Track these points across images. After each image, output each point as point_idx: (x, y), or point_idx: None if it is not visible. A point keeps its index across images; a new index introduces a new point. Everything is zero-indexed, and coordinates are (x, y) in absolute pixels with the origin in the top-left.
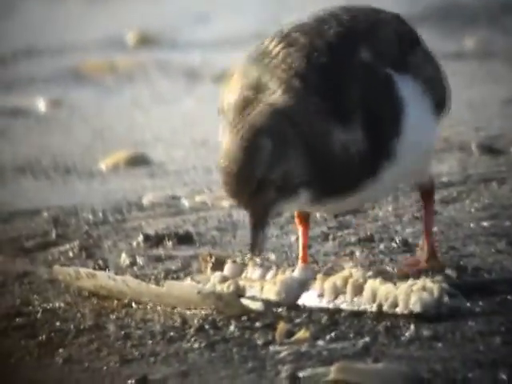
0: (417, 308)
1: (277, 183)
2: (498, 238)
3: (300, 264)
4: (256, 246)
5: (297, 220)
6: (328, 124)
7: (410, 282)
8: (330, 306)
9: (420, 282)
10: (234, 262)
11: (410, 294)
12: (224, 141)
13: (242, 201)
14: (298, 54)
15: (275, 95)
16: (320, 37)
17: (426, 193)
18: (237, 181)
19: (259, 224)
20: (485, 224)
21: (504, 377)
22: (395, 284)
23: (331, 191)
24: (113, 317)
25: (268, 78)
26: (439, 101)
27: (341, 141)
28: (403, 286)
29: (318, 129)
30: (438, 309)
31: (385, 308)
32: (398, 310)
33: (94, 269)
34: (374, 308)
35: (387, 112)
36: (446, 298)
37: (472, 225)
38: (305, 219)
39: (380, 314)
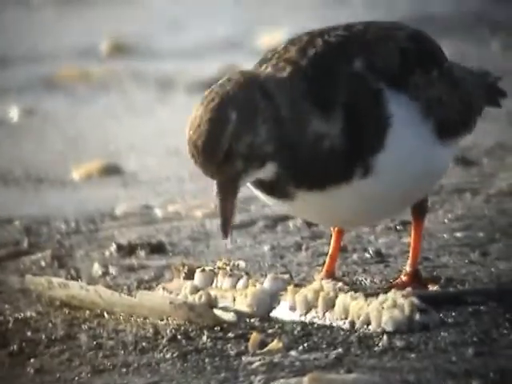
0: (388, 326)
1: (243, 154)
2: (471, 248)
3: (323, 276)
4: (225, 218)
5: (332, 230)
6: (308, 108)
7: (381, 297)
8: (302, 319)
9: (391, 298)
10: (203, 270)
11: (382, 312)
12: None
13: (210, 171)
14: (296, 47)
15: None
16: (321, 37)
17: (418, 212)
18: (203, 151)
19: (227, 194)
20: (458, 235)
21: None
22: (366, 298)
23: (298, 175)
24: (85, 327)
25: (263, 67)
26: (449, 126)
27: (314, 130)
28: (374, 303)
29: (297, 109)
30: (410, 326)
31: (357, 326)
32: (371, 327)
33: (67, 278)
34: (347, 325)
35: (369, 124)
36: (417, 315)
37: (445, 235)
38: (339, 229)
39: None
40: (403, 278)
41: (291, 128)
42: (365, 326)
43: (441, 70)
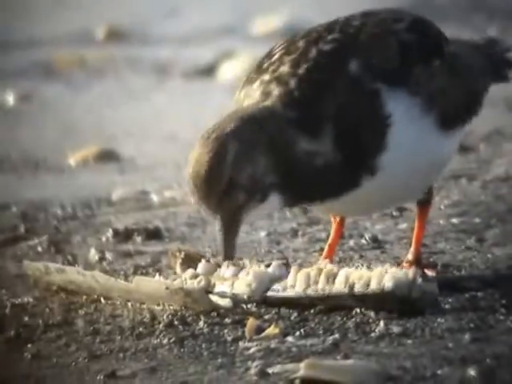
0: (389, 285)
1: (245, 186)
2: (467, 234)
3: (321, 259)
4: (228, 251)
5: (331, 217)
6: (293, 134)
7: (385, 266)
8: (299, 295)
9: (394, 268)
10: (208, 261)
11: (384, 274)
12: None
13: (211, 205)
14: (290, 59)
15: (252, 99)
16: (315, 44)
17: (423, 203)
18: (204, 184)
19: (229, 229)
20: (454, 221)
21: (473, 373)
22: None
23: (301, 197)
24: (82, 312)
25: (257, 83)
26: (453, 115)
27: (305, 151)
28: (377, 269)
29: (284, 137)
30: (410, 289)
31: (357, 287)
32: (370, 288)
33: (63, 264)
34: (346, 289)
35: (367, 127)
36: (419, 280)
37: (442, 222)
38: (341, 218)
39: (349, 307)
40: (405, 265)
41: (284, 156)
42: (364, 287)
43: (443, 59)
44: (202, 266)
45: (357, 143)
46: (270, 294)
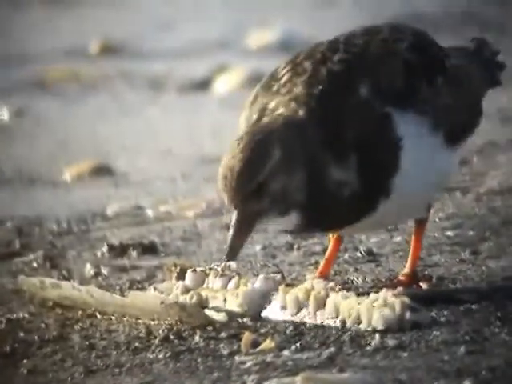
0: (379, 325)
1: (273, 194)
2: (462, 247)
3: (317, 276)
4: (233, 251)
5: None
6: (325, 159)
7: (372, 296)
8: (294, 319)
9: (382, 297)
10: (195, 270)
11: (372, 310)
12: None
13: (235, 200)
14: (302, 80)
15: (281, 114)
16: (324, 65)
17: (421, 219)
18: (238, 176)
19: (242, 228)
20: (449, 233)
21: None
22: (357, 297)
23: (320, 223)
24: (77, 327)
25: (273, 104)
26: (458, 131)
27: (335, 179)
28: (365, 302)
29: (318, 159)
30: (400, 324)
31: (348, 324)
32: (362, 326)
33: (59, 279)
34: (338, 324)
35: (382, 152)
36: (407, 314)
37: (436, 234)
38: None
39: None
40: (401, 278)
41: (317, 179)
42: (355, 325)
43: (445, 75)
44: (189, 277)
45: (375, 169)
46: (263, 315)
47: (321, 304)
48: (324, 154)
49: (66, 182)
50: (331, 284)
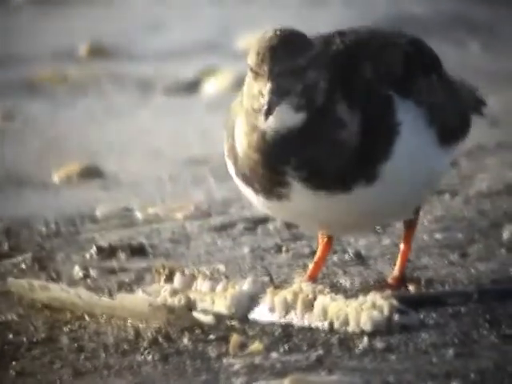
0: (367, 327)
1: (306, 84)
2: (450, 250)
3: (306, 279)
4: (270, 108)
5: (320, 236)
6: (336, 92)
7: (361, 299)
8: (282, 321)
9: (370, 299)
10: (183, 273)
11: (361, 313)
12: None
13: (274, 71)
14: (318, 40)
15: None
16: (330, 44)
17: (410, 222)
18: (281, 51)
19: (279, 90)
20: (438, 236)
21: None
22: (345, 300)
23: (303, 155)
24: (66, 329)
25: None
26: (450, 132)
27: (339, 117)
28: (354, 304)
29: (331, 91)
30: (389, 326)
31: (336, 326)
32: (350, 328)
33: (47, 281)
34: (326, 326)
35: (379, 133)
36: (396, 316)
37: (425, 237)
38: (328, 236)
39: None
40: (390, 281)
41: (323, 105)
42: (343, 327)
43: (440, 75)
44: (177, 279)
45: (371, 141)
46: (252, 317)
47: (309, 306)
48: (335, 87)
49: (55, 183)
50: (320, 287)
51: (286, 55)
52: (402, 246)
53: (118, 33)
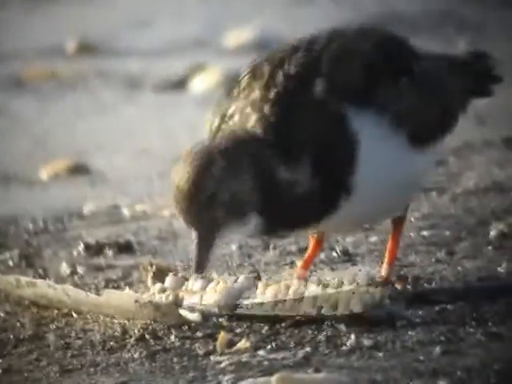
0: (357, 308)
1: (226, 203)
2: (437, 247)
3: (296, 273)
4: (200, 265)
5: (310, 236)
6: (273, 161)
7: (352, 286)
8: (271, 313)
9: (363, 287)
10: (175, 274)
11: (351, 296)
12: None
13: (191, 217)
14: (259, 85)
15: (232, 123)
16: (281, 68)
17: (397, 219)
18: (186, 195)
19: (205, 243)
20: (425, 233)
21: None
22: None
23: (281, 224)
24: (53, 326)
25: (231, 109)
26: (424, 132)
27: (284, 179)
28: (344, 290)
29: (266, 163)
30: (378, 311)
31: (324, 310)
32: (338, 311)
33: (34, 278)
34: (314, 312)
35: (337, 150)
36: (387, 301)
37: (412, 234)
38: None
39: (320, 320)
40: (379, 280)
41: (266, 181)
42: (331, 310)
43: (411, 76)
44: (169, 280)
45: (332, 166)
46: (239, 310)
47: (299, 298)
48: (272, 157)
49: (43, 180)
50: (313, 280)
51: (193, 199)
52: (389, 243)
53: (106, 29)
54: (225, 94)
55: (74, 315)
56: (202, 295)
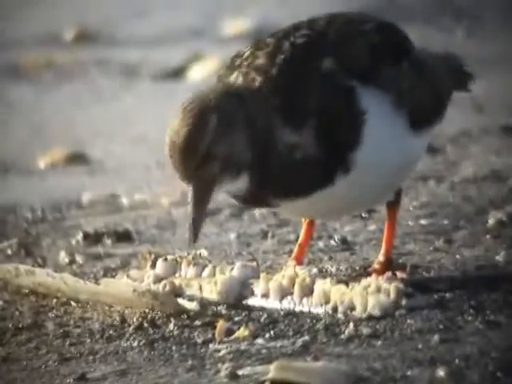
0: (376, 312)
1: (220, 159)
2: (436, 235)
3: (290, 262)
4: (196, 224)
5: (303, 220)
6: (276, 121)
7: (364, 282)
8: (278, 307)
9: (374, 283)
10: (166, 259)
11: (367, 297)
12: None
13: (186, 174)
14: (264, 52)
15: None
16: (287, 39)
17: (392, 204)
18: (182, 152)
19: (200, 199)
20: (423, 222)
21: (442, 374)
22: (347, 284)
23: (273, 188)
24: (51, 315)
25: (233, 76)
26: (421, 115)
27: (285, 142)
28: (357, 288)
29: (266, 122)
30: (397, 310)
31: (339, 311)
32: (356, 313)
33: (33, 267)
34: (329, 310)
35: (344, 123)
36: (403, 300)
37: (410, 223)
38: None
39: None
40: (376, 266)
41: (265, 141)
42: (348, 312)
43: (410, 59)
44: (160, 266)
45: (336, 138)
46: (245, 302)
47: (307, 291)
48: (275, 117)
49: (41, 169)
50: (315, 270)
51: (189, 154)
52: (385, 229)
53: (104, 18)
54: (225, 67)
55: (73, 304)
56: (200, 286)
